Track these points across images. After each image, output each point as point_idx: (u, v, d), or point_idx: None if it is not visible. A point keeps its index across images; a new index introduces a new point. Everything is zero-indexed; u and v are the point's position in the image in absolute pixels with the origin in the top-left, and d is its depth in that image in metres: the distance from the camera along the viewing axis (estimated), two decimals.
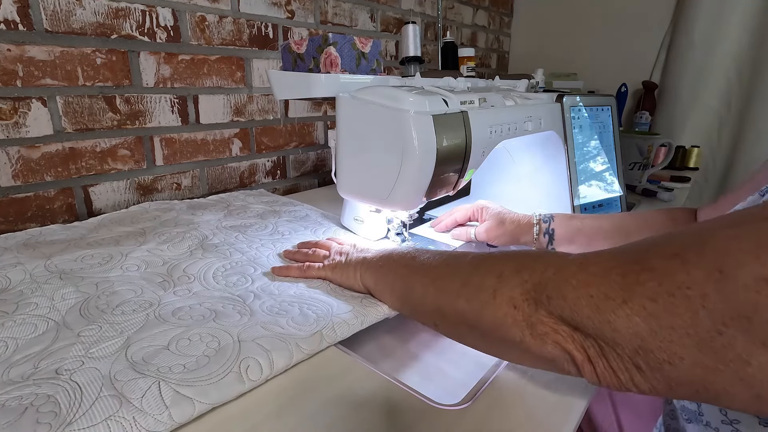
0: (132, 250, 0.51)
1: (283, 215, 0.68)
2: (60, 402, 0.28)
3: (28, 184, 0.63)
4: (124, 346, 0.34)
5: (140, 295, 0.42)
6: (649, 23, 1.41)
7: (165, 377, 0.31)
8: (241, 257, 0.52)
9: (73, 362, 0.32)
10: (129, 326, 0.37)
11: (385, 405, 0.32)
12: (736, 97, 1.29)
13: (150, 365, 0.32)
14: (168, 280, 0.45)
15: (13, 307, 0.39)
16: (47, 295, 0.41)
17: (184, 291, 0.44)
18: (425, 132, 0.44)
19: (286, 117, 0.95)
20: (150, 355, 0.33)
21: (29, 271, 0.45)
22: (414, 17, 1.25)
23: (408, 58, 0.59)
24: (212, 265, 0.49)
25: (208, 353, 0.34)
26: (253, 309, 0.41)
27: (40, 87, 0.61)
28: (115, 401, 0.29)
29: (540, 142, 0.72)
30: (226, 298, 0.43)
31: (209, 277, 0.47)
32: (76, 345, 0.34)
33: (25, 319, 0.37)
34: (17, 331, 0.36)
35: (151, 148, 0.75)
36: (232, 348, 0.34)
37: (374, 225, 0.61)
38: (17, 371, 0.31)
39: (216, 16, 0.79)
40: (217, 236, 0.58)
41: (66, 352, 0.33)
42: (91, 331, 0.36)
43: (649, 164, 1.00)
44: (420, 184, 0.47)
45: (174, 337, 0.35)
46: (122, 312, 0.39)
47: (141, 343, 0.35)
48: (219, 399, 0.30)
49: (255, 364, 0.33)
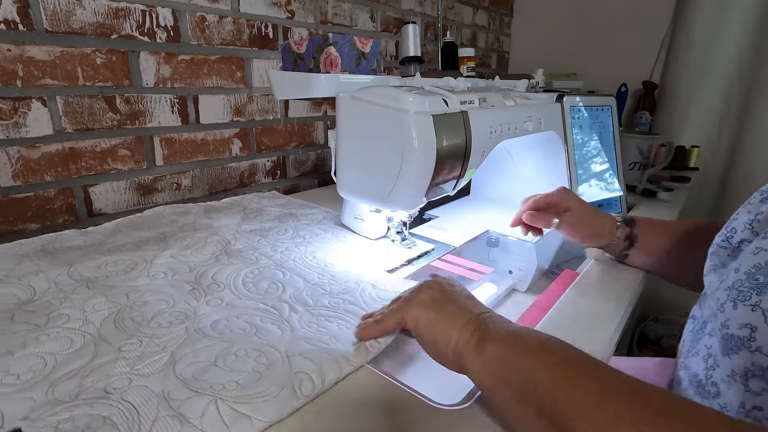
0: (155, 256, 0.50)
1: (301, 218, 0.68)
2: (118, 424, 0.28)
3: (28, 184, 0.63)
4: (170, 362, 0.33)
5: (173, 306, 0.41)
6: (649, 23, 1.41)
7: (221, 395, 0.30)
8: (267, 262, 0.52)
9: (120, 380, 0.31)
10: (170, 341, 0.36)
11: (385, 405, 0.32)
12: (736, 97, 1.29)
13: (202, 382, 0.31)
14: (198, 289, 0.45)
15: (44, 319, 0.38)
16: (78, 306, 0.40)
17: (216, 301, 0.43)
18: (425, 132, 0.44)
19: (286, 117, 0.95)
20: (199, 372, 0.32)
21: (53, 279, 0.44)
22: (414, 17, 1.25)
23: (408, 58, 0.59)
24: (240, 271, 0.49)
25: (258, 369, 0.33)
26: (292, 324, 0.40)
27: (40, 87, 0.61)
28: (174, 422, 0.28)
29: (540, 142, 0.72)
30: (262, 310, 0.42)
31: (239, 284, 0.46)
32: (119, 361, 0.33)
33: (59, 333, 0.36)
34: (54, 346, 0.34)
35: (151, 148, 0.75)
36: (281, 363, 0.34)
37: (374, 223, 0.61)
38: (63, 390, 0.30)
39: (216, 16, 0.79)
40: (240, 241, 0.57)
41: (110, 369, 0.32)
42: (131, 345, 0.35)
43: (649, 164, 1.00)
44: (420, 184, 0.47)
45: (220, 353, 0.35)
46: (159, 325, 0.38)
47: (187, 359, 0.34)
48: (276, 416, 0.30)
49: (307, 379, 0.32)
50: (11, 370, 0.32)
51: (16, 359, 0.33)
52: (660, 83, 1.42)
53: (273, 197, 0.79)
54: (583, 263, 0.61)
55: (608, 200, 0.81)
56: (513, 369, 0.29)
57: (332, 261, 0.54)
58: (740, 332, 0.32)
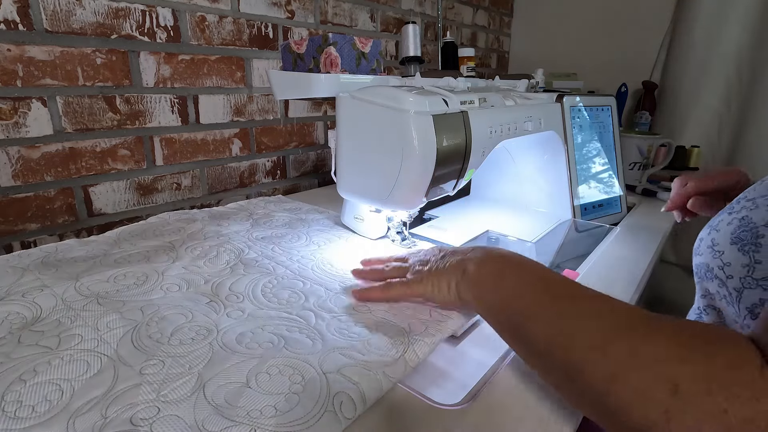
0: (167, 268, 0.48)
1: (312, 224, 0.66)
2: None
3: (28, 184, 0.63)
4: (198, 385, 0.31)
5: (192, 320, 0.39)
6: (649, 23, 1.41)
7: (259, 423, 0.28)
8: (284, 271, 0.50)
9: (147, 409, 0.29)
10: (195, 360, 0.33)
11: (385, 405, 0.32)
12: (736, 97, 1.29)
13: (237, 409, 0.29)
14: (215, 301, 0.43)
15: (55, 341, 0.35)
16: (90, 325, 0.37)
17: (237, 312, 0.41)
18: (425, 132, 0.44)
19: (286, 117, 0.95)
20: (232, 396, 0.30)
21: (59, 295, 0.41)
22: (414, 17, 1.25)
23: (408, 58, 0.59)
24: (258, 281, 0.47)
25: (295, 389, 0.31)
26: (321, 332, 0.38)
27: (40, 87, 0.61)
28: None
29: (540, 142, 0.72)
30: (286, 319, 0.40)
31: (258, 295, 0.44)
32: (143, 386, 0.30)
33: (73, 356, 0.33)
34: (68, 371, 0.32)
35: (151, 148, 0.75)
36: (319, 382, 0.32)
37: (374, 223, 0.61)
38: (84, 423, 0.27)
39: (216, 16, 0.79)
40: (253, 249, 0.55)
41: (134, 396, 0.30)
42: (153, 367, 0.32)
43: (649, 164, 1.00)
44: (420, 184, 0.47)
45: (251, 371, 0.32)
46: (180, 342, 0.35)
47: (217, 380, 0.31)
48: None
49: (347, 400, 0.30)
50: (25, 401, 0.29)
51: (28, 388, 0.30)
52: (660, 83, 1.42)
53: (279, 201, 0.78)
54: (583, 263, 0.61)
55: (608, 200, 0.81)
56: (493, 293, 0.36)
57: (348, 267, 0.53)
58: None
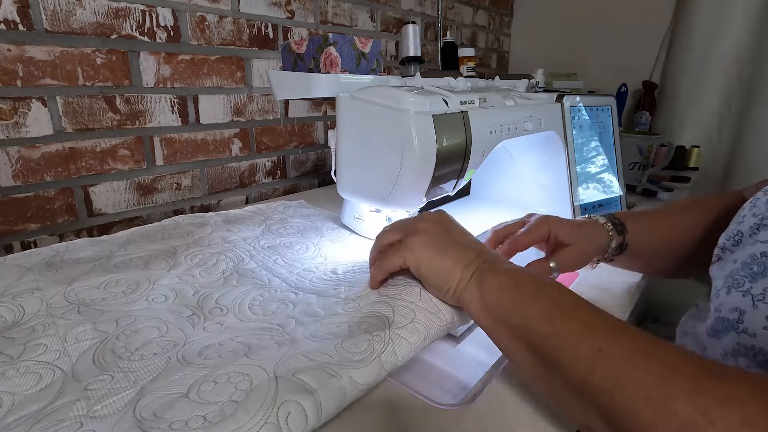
0: (161, 276, 0.46)
1: (326, 233, 0.62)
2: None
3: (28, 184, 0.63)
4: (135, 399, 0.29)
5: (165, 333, 0.37)
6: (649, 23, 1.41)
7: None
8: (280, 284, 0.47)
9: (70, 426, 0.26)
10: (145, 374, 0.31)
11: (385, 405, 0.32)
12: (736, 97, 1.29)
13: (161, 420, 0.26)
14: (198, 314, 0.40)
15: (20, 349, 0.34)
16: (60, 335, 0.36)
17: (215, 326, 0.38)
18: (425, 132, 0.44)
19: (286, 117, 0.95)
20: (163, 408, 0.27)
21: (46, 300, 0.41)
22: (414, 17, 1.25)
23: (408, 58, 0.59)
24: (248, 294, 0.44)
25: (237, 397, 0.28)
26: (295, 336, 0.35)
27: (40, 87, 0.61)
28: None
29: (540, 142, 0.72)
30: (264, 329, 0.37)
31: (245, 309, 0.42)
32: (80, 402, 0.28)
33: (29, 367, 0.32)
34: (18, 384, 0.30)
35: (151, 148, 0.75)
36: (267, 388, 0.28)
37: (374, 223, 0.61)
38: None
39: (216, 16, 0.79)
40: (254, 259, 0.52)
41: (66, 413, 0.28)
42: (100, 383, 0.30)
43: (649, 164, 1.00)
44: (420, 184, 0.47)
45: (196, 381, 0.30)
46: (141, 357, 0.33)
47: (156, 393, 0.29)
48: None
49: (297, 409, 0.26)
50: None
51: None
52: (660, 83, 1.42)
53: (300, 207, 0.73)
54: None
55: (608, 200, 0.81)
56: (510, 308, 0.32)
57: (348, 269, 0.51)
58: (730, 315, 0.34)
